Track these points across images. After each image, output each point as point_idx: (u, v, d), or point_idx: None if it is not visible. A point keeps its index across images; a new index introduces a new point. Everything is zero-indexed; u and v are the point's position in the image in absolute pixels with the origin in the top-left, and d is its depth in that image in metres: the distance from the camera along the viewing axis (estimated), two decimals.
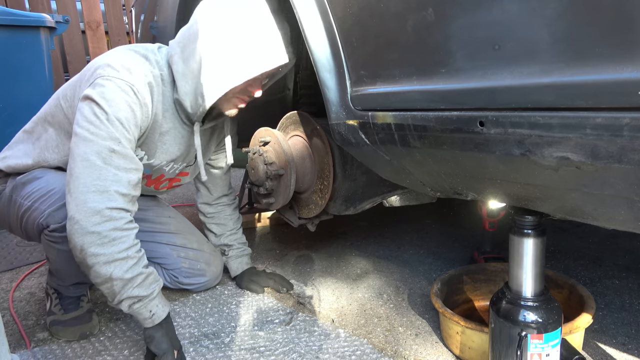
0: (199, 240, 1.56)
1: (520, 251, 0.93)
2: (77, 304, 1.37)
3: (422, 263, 1.72)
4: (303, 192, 1.45)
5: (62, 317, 1.34)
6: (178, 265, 1.50)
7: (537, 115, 0.62)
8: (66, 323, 1.33)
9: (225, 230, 1.62)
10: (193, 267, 1.51)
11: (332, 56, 0.99)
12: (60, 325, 1.33)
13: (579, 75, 0.56)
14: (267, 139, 1.41)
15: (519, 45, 0.63)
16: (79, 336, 1.32)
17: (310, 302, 1.47)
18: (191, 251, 1.52)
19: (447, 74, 0.74)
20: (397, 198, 1.43)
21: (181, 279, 1.51)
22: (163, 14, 1.78)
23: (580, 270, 1.58)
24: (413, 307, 1.41)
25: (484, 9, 0.66)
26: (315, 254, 1.86)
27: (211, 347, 1.24)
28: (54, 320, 1.34)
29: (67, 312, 1.34)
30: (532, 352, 0.90)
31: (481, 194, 0.92)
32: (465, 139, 0.75)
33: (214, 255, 1.57)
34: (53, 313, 1.36)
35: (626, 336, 1.20)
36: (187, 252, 1.51)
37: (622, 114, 0.53)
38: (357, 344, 1.22)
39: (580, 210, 0.73)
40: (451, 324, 1.13)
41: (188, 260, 1.51)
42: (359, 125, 0.97)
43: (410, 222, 2.17)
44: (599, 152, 0.58)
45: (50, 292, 1.39)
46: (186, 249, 1.52)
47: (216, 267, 1.56)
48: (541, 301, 0.92)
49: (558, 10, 0.57)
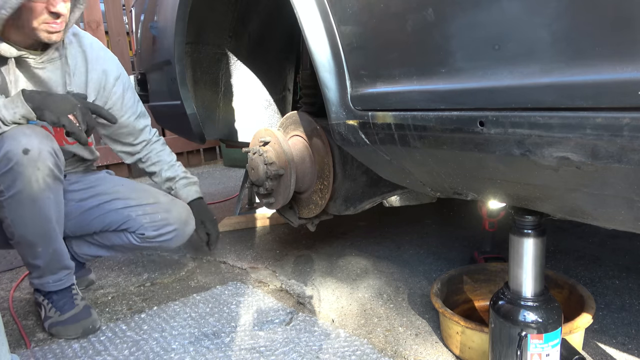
0: (153, 195, 1.56)
1: (520, 251, 0.93)
2: (72, 302, 1.37)
3: (422, 263, 1.72)
4: (303, 192, 1.45)
5: (60, 318, 1.33)
6: (140, 222, 1.49)
7: (537, 115, 0.62)
8: (66, 322, 1.33)
9: (163, 165, 1.66)
10: (154, 220, 1.50)
11: (332, 56, 0.99)
12: (61, 325, 1.33)
13: (579, 75, 0.56)
14: (267, 139, 1.41)
15: (519, 45, 0.63)
16: (81, 332, 1.32)
17: (310, 302, 1.47)
18: (148, 206, 1.51)
19: (447, 74, 0.74)
20: (397, 198, 1.43)
21: (148, 234, 1.49)
22: (163, 14, 1.78)
23: (580, 270, 1.58)
24: (413, 307, 1.41)
25: (484, 9, 0.66)
26: (315, 254, 1.86)
27: (211, 347, 1.24)
28: (52, 322, 1.34)
29: (63, 312, 1.34)
30: (532, 352, 0.90)
31: (481, 194, 0.92)
32: (465, 139, 0.75)
33: (171, 202, 1.56)
34: (50, 317, 1.35)
35: (626, 336, 1.20)
36: (145, 208, 1.50)
37: (622, 114, 0.53)
38: (357, 344, 1.22)
39: (580, 210, 0.73)
40: (451, 324, 1.13)
41: (147, 215, 1.50)
42: (359, 125, 0.97)
43: (410, 222, 2.17)
44: (599, 152, 0.58)
45: (41, 300, 1.39)
46: (142, 205, 1.51)
47: (178, 212, 1.54)
48: (541, 301, 0.92)
49: (558, 10, 0.57)
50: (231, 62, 1.92)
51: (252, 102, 1.98)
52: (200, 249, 1.90)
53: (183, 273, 1.77)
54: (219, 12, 1.78)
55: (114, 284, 1.70)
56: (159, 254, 1.97)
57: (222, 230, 2.24)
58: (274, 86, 1.96)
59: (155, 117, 2.35)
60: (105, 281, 1.72)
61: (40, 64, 1.33)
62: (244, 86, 1.96)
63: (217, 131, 2.00)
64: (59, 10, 1.22)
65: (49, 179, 1.23)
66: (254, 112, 1.99)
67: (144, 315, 1.44)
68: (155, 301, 1.54)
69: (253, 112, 1.99)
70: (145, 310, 1.48)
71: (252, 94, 1.97)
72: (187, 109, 1.78)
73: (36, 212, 1.23)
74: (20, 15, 1.20)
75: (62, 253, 1.35)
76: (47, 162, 1.21)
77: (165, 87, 1.91)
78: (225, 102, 1.98)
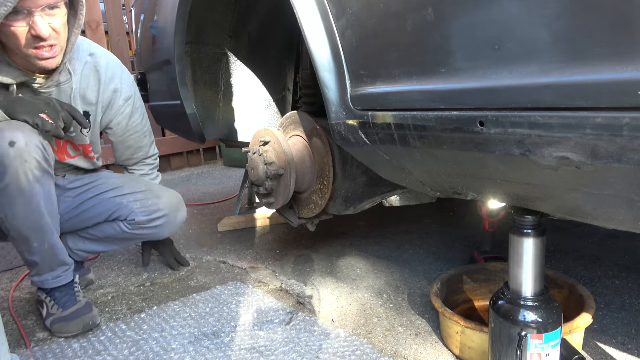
0: (146, 184, 1.60)
1: (520, 251, 0.93)
2: (74, 299, 1.37)
3: (422, 263, 1.72)
4: (303, 192, 1.45)
5: (62, 314, 1.34)
6: (131, 208, 1.51)
7: (537, 115, 0.62)
8: (67, 318, 1.33)
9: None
10: (145, 205, 1.52)
11: (332, 56, 0.99)
12: (63, 321, 1.33)
13: (579, 75, 0.56)
14: (267, 139, 1.41)
15: (519, 45, 0.63)
16: (82, 328, 1.32)
17: (310, 302, 1.47)
18: (140, 194, 1.54)
19: (447, 74, 0.74)
20: (397, 198, 1.43)
21: (139, 219, 1.51)
22: (163, 14, 1.78)
23: (580, 270, 1.58)
24: (413, 307, 1.41)
25: (484, 9, 0.66)
26: (315, 254, 1.86)
27: (211, 347, 1.24)
28: (55, 319, 1.34)
29: (66, 308, 1.35)
30: (532, 352, 0.90)
31: (481, 194, 0.92)
32: (465, 139, 0.75)
33: (163, 190, 1.59)
34: (52, 314, 1.36)
35: (626, 336, 1.20)
36: (136, 196, 1.53)
37: (622, 114, 0.53)
38: (357, 344, 1.22)
39: (580, 210, 0.73)
40: (451, 324, 1.13)
41: (139, 202, 1.52)
42: (359, 125, 0.97)
43: (410, 222, 2.17)
44: (599, 152, 0.58)
45: (43, 298, 1.39)
46: (134, 193, 1.54)
47: (168, 199, 1.57)
48: (541, 301, 0.92)
49: (558, 10, 0.57)
50: (231, 62, 1.92)
51: (252, 102, 1.98)
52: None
53: (183, 273, 1.77)
54: (219, 12, 1.78)
55: (114, 284, 1.70)
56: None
57: (222, 230, 2.24)
58: (274, 86, 1.96)
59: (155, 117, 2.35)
60: (105, 281, 1.72)
61: (46, 88, 1.33)
62: (244, 86, 1.96)
63: (217, 131, 2.00)
64: (40, 33, 1.16)
65: (38, 172, 1.22)
66: (254, 112, 1.99)
67: (144, 315, 1.44)
68: (155, 301, 1.54)
69: (253, 112, 1.99)
70: (145, 310, 1.48)
71: (252, 94, 1.97)
72: (187, 109, 1.78)
73: (27, 206, 1.23)
74: (8, 40, 1.19)
75: (59, 249, 1.36)
76: (34, 154, 1.20)
77: (165, 87, 1.91)
78: (225, 102, 1.98)
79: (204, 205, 2.79)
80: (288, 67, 1.95)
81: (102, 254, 1.99)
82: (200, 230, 2.29)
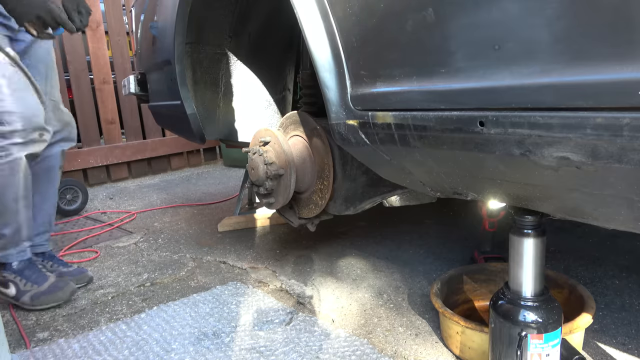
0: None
1: (520, 251, 0.93)
2: (43, 275, 1.39)
3: (422, 263, 1.72)
4: (303, 192, 1.45)
5: (40, 289, 1.34)
6: None
7: (537, 115, 0.62)
8: (49, 290, 1.34)
9: None
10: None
11: (332, 56, 0.99)
12: (43, 295, 1.34)
13: (579, 75, 0.56)
14: (267, 139, 1.41)
15: (519, 45, 0.63)
16: (69, 294, 1.33)
17: (310, 302, 1.47)
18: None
19: (447, 74, 0.74)
20: (397, 198, 1.43)
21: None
22: (163, 14, 1.78)
23: (580, 270, 1.58)
24: (413, 307, 1.41)
25: (484, 9, 0.66)
26: (315, 254, 1.86)
27: (211, 347, 1.24)
28: (35, 294, 1.35)
29: (40, 283, 1.36)
30: (532, 352, 0.90)
31: (481, 194, 0.92)
32: (465, 139, 0.75)
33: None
34: (27, 291, 1.36)
35: (626, 336, 1.20)
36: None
37: (622, 114, 0.53)
38: (357, 344, 1.22)
39: (580, 210, 0.73)
40: (451, 324, 1.13)
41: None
42: (359, 125, 0.97)
43: (410, 222, 2.17)
44: (599, 152, 0.58)
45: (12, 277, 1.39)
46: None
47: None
48: (541, 301, 0.92)
49: (558, 10, 0.57)
50: (231, 62, 1.92)
51: (252, 102, 1.98)
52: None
53: (183, 273, 1.77)
54: (219, 12, 1.78)
55: (114, 284, 1.70)
56: (159, 254, 1.97)
57: (222, 230, 2.24)
58: (274, 86, 1.96)
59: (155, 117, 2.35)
60: (105, 281, 1.72)
61: None
62: (244, 86, 1.96)
63: (217, 131, 2.00)
64: None
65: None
66: (254, 112, 1.99)
67: (144, 315, 1.44)
68: (155, 301, 1.54)
69: (253, 112, 1.99)
70: (145, 310, 1.48)
71: (252, 94, 1.97)
72: (187, 109, 1.78)
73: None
74: None
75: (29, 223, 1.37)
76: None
77: (165, 87, 1.91)
78: (225, 102, 1.98)
79: (204, 205, 2.79)
80: (288, 67, 1.95)
81: (102, 254, 2.00)
82: (200, 230, 2.29)
